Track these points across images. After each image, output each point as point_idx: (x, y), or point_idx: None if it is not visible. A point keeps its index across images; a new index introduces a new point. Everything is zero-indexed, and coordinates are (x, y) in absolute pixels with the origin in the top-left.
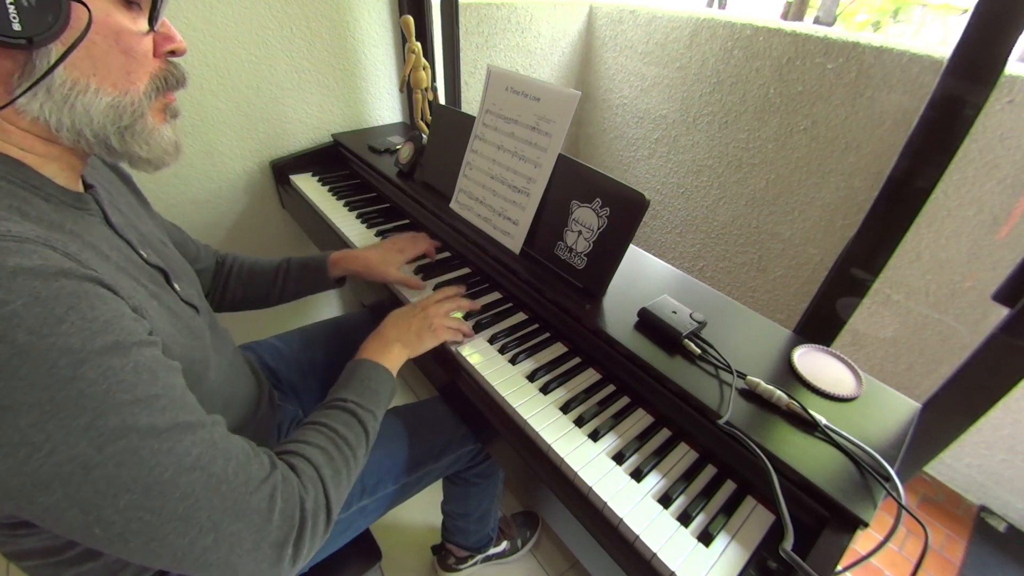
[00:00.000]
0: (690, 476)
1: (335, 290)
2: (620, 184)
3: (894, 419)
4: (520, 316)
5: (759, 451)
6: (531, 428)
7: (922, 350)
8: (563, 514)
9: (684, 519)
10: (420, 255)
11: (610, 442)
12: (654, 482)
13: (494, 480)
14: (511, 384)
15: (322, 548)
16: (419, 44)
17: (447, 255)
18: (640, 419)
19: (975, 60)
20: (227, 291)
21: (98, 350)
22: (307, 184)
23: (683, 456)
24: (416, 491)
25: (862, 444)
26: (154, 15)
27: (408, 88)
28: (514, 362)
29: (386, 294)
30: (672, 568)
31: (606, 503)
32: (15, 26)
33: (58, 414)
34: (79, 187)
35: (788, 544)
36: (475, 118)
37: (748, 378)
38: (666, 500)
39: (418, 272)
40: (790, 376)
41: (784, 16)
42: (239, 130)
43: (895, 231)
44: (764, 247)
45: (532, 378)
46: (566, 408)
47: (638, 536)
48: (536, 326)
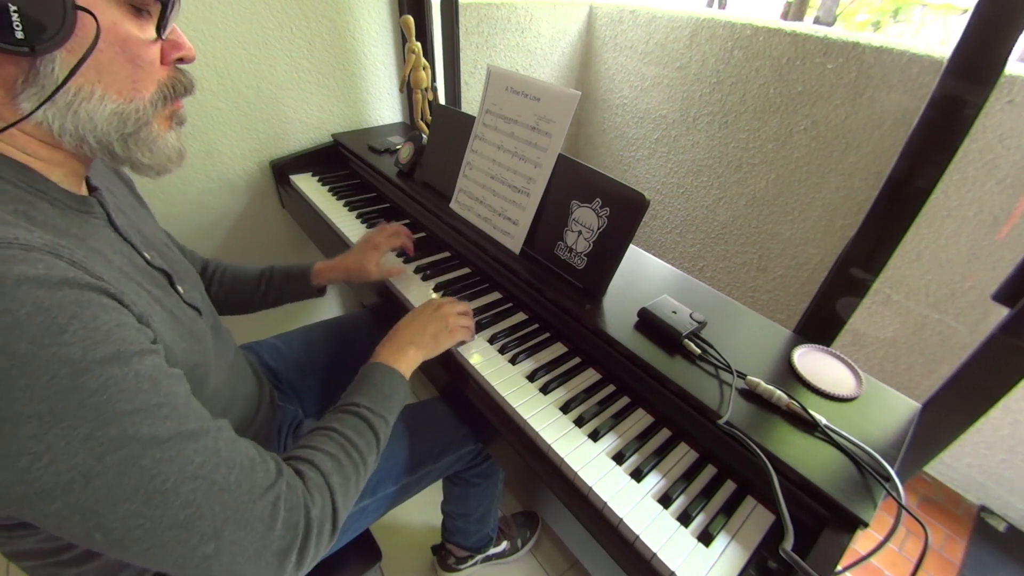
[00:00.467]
0: (690, 476)
1: (335, 290)
2: (620, 184)
3: (894, 419)
4: (520, 316)
5: (759, 451)
6: (531, 428)
7: (922, 350)
8: (563, 514)
9: (684, 519)
10: (397, 248)
11: (610, 442)
12: (654, 482)
13: (494, 480)
14: (511, 384)
15: None
16: (419, 44)
17: (447, 255)
18: (640, 419)
19: (975, 60)
20: (208, 295)
21: (99, 360)
22: (307, 184)
23: (683, 456)
24: (416, 491)
25: (862, 444)
26: (163, 24)
27: (408, 88)
28: (514, 362)
29: (386, 293)
30: (672, 568)
31: (606, 503)
32: (18, 34)
33: (58, 424)
34: (83, 190)
35: (788, 544)
36: (475, 118)
37: (748, 378)
38: (666, 500)
39: (418, 272)
40: (790, 376)
41: (784, 16)
42: (239, 130)
43: (895, 231)
44: (764, 247)
45: (532, 378)
46: (566, 408)
47: (638, 536)
48: (536, 326)
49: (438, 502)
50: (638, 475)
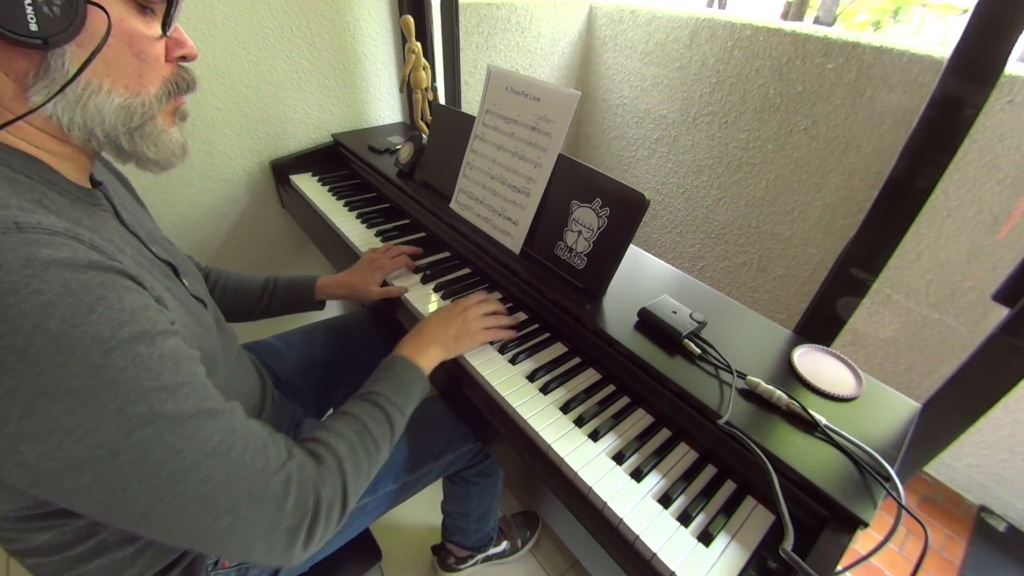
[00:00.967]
0: (690, 476)
1: None
2: (620, 184)
3: (894, 419)
4: (520, 316)
5: (759, 451)
6: (531, 428)
7: (922, 350)
8: (563, 514)
9: (684, 519)
10: (401, 267)
11: (610, 442)
12: (654, 482)
13: (494, 480)
14: (511, 384)
15: (322, 548)
16: (419, 44)
17: (447, 255)
18: (640, 419)
19: (975, 60)
20: None
21: (127, 338)
22: (307, 184)
23: (683, 456)
24: (416, 490)
25: (862, 444)
26: (167, 21)
27: (408, 88)
28: (514, 362)
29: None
30: (672, 568)
31: (606, 503)
32: (32, 26)
33: (90, 400)
34: (88, 185)
35: (788, 544)
36: (475, 118)
37: (748, 378)
38: (666, 500)
39: (418, 272)
40: (790, 376)
41: (784, 16)
42: (239, 130)
43: (895, 231)
44: (764, 247)
45: (532, 378)
46: (566, 408)
47: (638, 536)
48: (536, 326)
49: (438, 502)
50: (638, 475)
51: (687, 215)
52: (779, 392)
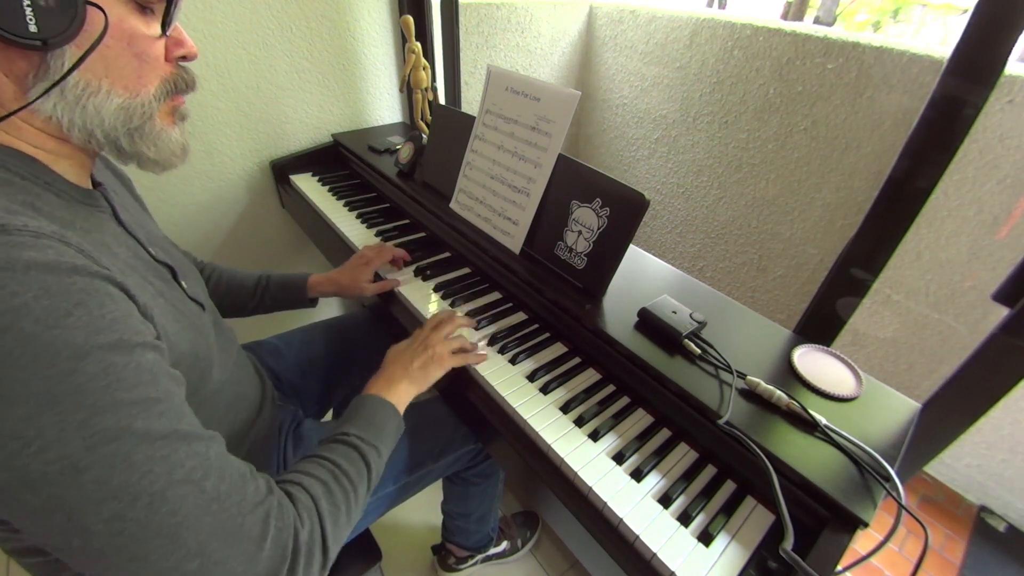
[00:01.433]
0: (690, 476)
1: None
2: (620, 184)
3: (894, 419)
4: (520, 316)
5: (759, 451)
6: (531, 428)
7: (922, 350)
8: (563, 514)
9: (684, 519)
10: (388, 260)
11: (610, 442)
12: (654, 482)
13: (494, 480)
14: (511, 384)
15: None
16: (419, 44)
17: (447, 255)
18: (640, 419)
19: (975, 60)
20: None
21: (102, 346)
22: (307, 184)
23: (683, 456)
24: (416, 491)
25: (862, 444)
26: (167, 20)
27: (408, 88)
28: (514, 362)
29: (385, 293)
30: (672, 568)
31: (606, 503)
32: (31, 27)
33: (54, 408)
34: (88, 185)
35: (788, 544)
36: (475, 118)
37: (748, 378)
38: (666, 500)
39: (418, 274)
40: (790, 376)
41: (784, 16)
42: (239, 130)
43: (895, 231)
44: (764, 247)
45: (532, 378)
46: (566, 408)
47: (638, 536)
48: (536, 326)
49: (438, 502)
50: (638, 475)
51: (687, 215)
52: (779, 392)
